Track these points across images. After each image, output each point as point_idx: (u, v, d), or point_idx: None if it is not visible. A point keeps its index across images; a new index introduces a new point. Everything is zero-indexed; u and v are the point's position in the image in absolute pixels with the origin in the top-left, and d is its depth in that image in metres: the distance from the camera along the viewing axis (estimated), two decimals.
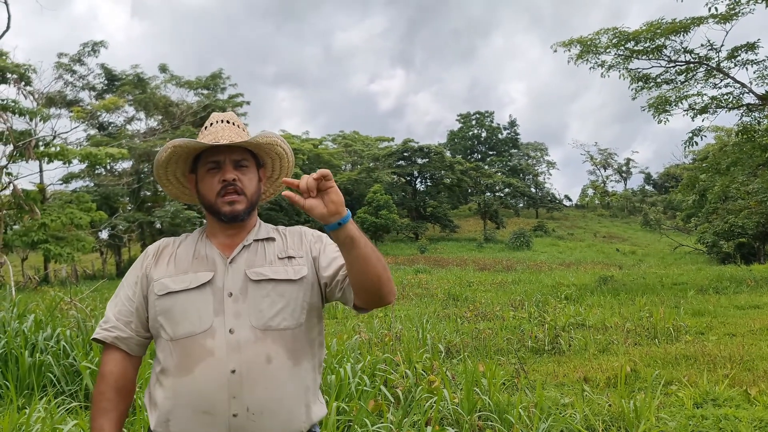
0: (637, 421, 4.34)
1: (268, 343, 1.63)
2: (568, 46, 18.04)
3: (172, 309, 1.65)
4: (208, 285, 1.66)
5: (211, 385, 1.57)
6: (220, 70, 44.12)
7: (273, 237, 1.80)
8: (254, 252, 1.74)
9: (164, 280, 1.69)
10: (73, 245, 25.52)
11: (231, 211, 1.70)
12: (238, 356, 1.59)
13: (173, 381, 1.61)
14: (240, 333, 1.61)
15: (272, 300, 1.66)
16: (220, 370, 1.58)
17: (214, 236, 1.77)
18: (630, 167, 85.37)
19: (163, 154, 1.74)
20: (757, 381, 5.58)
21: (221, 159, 1.70)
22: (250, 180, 1.74)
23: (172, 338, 1.64)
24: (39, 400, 4.30)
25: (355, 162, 65.36)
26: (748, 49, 16.60)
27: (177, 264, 1.72)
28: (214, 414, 1.57)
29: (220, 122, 1.75)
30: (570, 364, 6.86)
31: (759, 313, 10.71)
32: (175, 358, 1.62)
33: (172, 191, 1.89)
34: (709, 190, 20.45)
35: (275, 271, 1.70)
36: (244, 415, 1.58)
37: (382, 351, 6.42)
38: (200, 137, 1.74)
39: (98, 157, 25.70)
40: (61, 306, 9.15)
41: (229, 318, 1.63)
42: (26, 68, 28.11)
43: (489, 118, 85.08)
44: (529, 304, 12.60)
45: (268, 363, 1.61)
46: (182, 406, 1.59)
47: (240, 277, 1.68)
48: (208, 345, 1.60)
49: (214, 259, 1.71)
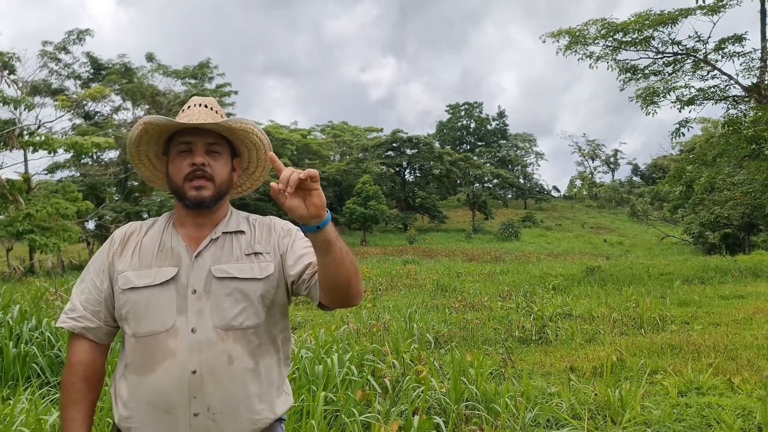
0: (622, 409, 4.38)
1: (229, 343, 1.60)
2: (557, 37, 18.03)
3: (135, 305, 1.62)
4: (171, 282, 1.62)
5: (172, 386, 1.56)
6: (207, 60, 43.76)
7: (243, 230, 1.75)
8: (221, 246, 1.69)
9: (128, 273, 1.65)
10: (59, 235, 25.29)
11: (196, 197, 1.65)
12: (199, 356, 1.57)
13: (136, 378, 1.60)
14: (202, 333, 1.59)
15: (235, 299, 1.63)
16: (181, 371, 1.56)
17: (181, 225, 1.73)
18: (618, 158, 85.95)
19: (135, 131, 1.70)
20: (741, 369, 5.64)
21: (193, 141, 1.66)
22: (221, 167, 1.69)
23: (135, 335, 1.62)
24: (23, 391, 4.27)
25: (344, 152, 65.22)
26: (735, 41, 16.69)
27: (141, 256, 1.68)
28: (175, 414, 1.57)
29: (198, 106, 1.71)
30: (557, 354, 6.90)
31: (743, 302, 10.82)
32: (138, 355, 1.61)
33: (145, 173, 1.85)
34: (695, 181, 20.57)
35: (240, 269, 1.66)
36: (205, 415, 1.57)
37: (370, 341, 6.42)
38: (177, 119, 1.70)
39: (84, 147, 25.45)
40: (47, 297, 9.10)
41: (191, 316, 1.60)
42: (10, 56, 27.79)
43: (478, 109, 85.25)
44: (517, 294, 12.65)
45: (230, 363, 1.60)
46: (144, 404, 1.59)
47: (204, 272, 1.64)
48: (169, 345, 1.58)
49: (180, 252, 1.67)
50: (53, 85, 38.66)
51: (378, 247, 42.49)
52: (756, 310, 9.48)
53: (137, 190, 40.68)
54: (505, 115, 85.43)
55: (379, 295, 13.66)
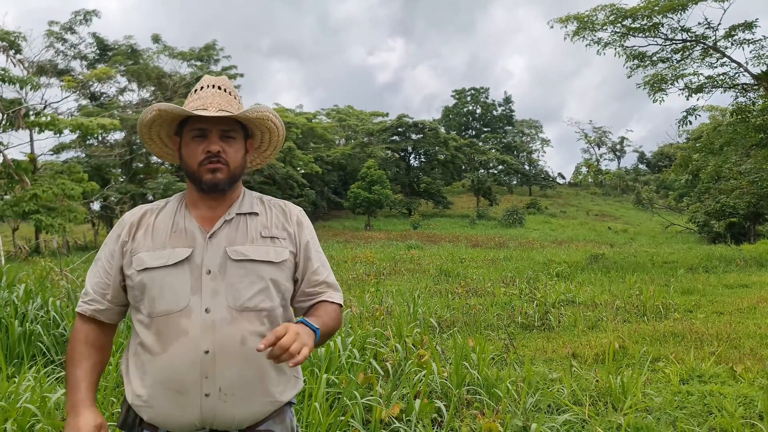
0: (623, 396, 4.39)
1: (243, 324, 1.61)
2: (565, 22, 17.85)
3: (149, 286, 1.62)
4: (185, 262, 1.62)
5: (184, 366, 1.57)
6: (213, 42, 43.67)
7: (256, 211, 1.75)
8: (235, 227, 1.69)
9: (141, 254, 1.65)
10: (64, 216, 25.37)
11: (212, 179, 1.65)
12: (213, 336, 1.58)
13: (149, 358, 1.61)
14: (216, 313, 1.59)
15: (251, 280, 1.64)
16: (194, 350, 1.57)
17: (194, 207, 1.72)
18: (624, 146, 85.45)
19: (147, 115, 1.70)
20: (743, 358, 5.64)
21: (208, 128, 1.65)
22: (236, 151, 1.69)
23: (149, 315, 1.62)
24: (28, 369, 4.30)
25: (349, 137, 65.03)
26: (746, 28, 16.48)
27: (154, 237, 1.67)
28: (186, 394, 1.57)
29: (211, 87, 1.69)
30: (559, 340, 6.91)
31: (747, 292, 10.80)
32: (152, 335, 1.61)
33: (156, 150, 1.85)
34: (702, 169, 20.49)
35: (257, 251, 1.67)
36: (216, 395, 1.58)
37: (373, 325, 6.44)
38: (189, 100, 1.69)
39: (89, 128, 25.48)
40: (52, 276, 9.14)
41: (206, 296, 1.60)
42: (16, 35, 27.69)
43: (484, 94, 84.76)
44: (520, 280, 12.65)
45: (243, 344, 1.60)
46: (156, 384, 1.59)
47: (219, 253, 1.64)
48: (183, 324, 1.58)
49: (194, 233, 1.66)
50: (59, 65, 38.68)
51: (382, 231, 42.50)
52: (760, 299, 9.46)
53: (142, 171, 40.75)
54: (511, 100, 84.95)
55: (382, 280, 13.69)
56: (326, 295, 1.79)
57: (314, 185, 49.60)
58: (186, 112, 1.63)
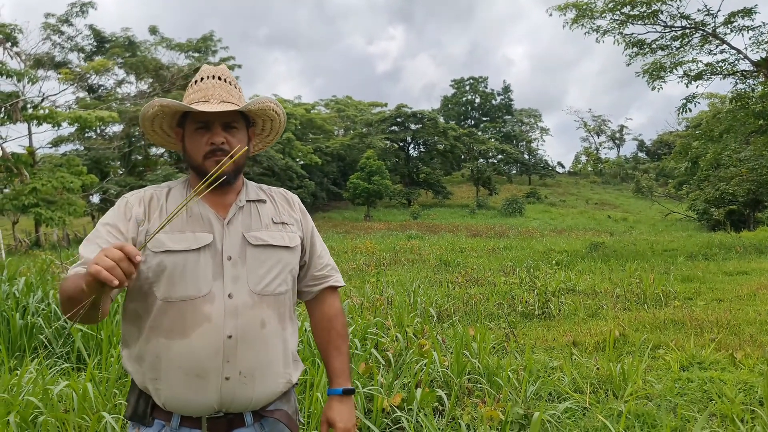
0: (624, 383, 4.41)
1: (263, 307, 1.64)
2: (564, 10, 17.77)
3: (169, 269, 1.58)
4: (208, 248, 1.62)
5: (207, 351, 1.57)
6: (211, 33, 43.45)
7: (263, 199, 1.79)
8: (248, 214, 1.72)
9: (159, 235, 1.59)
10: (64, 209, 25.37)
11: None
12: (235, 321, 1.59)
13: (165, 342, 1.58)
14: (238, 298, 1.61)
15: (270, 265, 1.68)
16: (217, 336, 1.57)
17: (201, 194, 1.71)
18: (623, 134, 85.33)
19: (149, 110, 1.69)
20: (743, 345, 5.66)
21: (210, 119, 1.66)
22: (239, 142, 1.69)
23: (166, 299, 1.59)
24: (30, 362, 4.32)
25: (348, 127, 64.91)
26: (745, 14, 16.42)
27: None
28: (206, 378, 1.57)
29: (211, 78, 1.70)
30: (559, 329, 6.93)
31: (746, 279, 10.82)
32: (168, 319, 1.59)
33: (157, 140, 1.85)
34: (701, 157, 20.50)
35: (272, 236, 1.71)
36: (236, 378, 1.59)
37: (374, 315, 6.46)
38: (189, 91, 1.69)
39: (88, 121, 25.42)
40: (52, 269, 9.16)
41: (228, 282, 1.61)
42: (12, 28, 27.58)
43: (483, 83, 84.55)
44: (521, 269, 12.67)
45: (262, 327, 1.63)
46: (174, 368, 1.58)
47: (238, 240, 1.66)
48: (206, 310, 1.58)
49: (210, 219, 1.66)
50: (56, 58, 38.44)
51: (382, 222, 42.52)
52: (759, 286, 9.48)
53: (141, 164, 40.70)
54: (510, 90, 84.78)
55: (382, 270, 13.71)
56: (333, 279, 1.91)
57: (313, 176, 49.58)
58: (188, 108, 1.63)
